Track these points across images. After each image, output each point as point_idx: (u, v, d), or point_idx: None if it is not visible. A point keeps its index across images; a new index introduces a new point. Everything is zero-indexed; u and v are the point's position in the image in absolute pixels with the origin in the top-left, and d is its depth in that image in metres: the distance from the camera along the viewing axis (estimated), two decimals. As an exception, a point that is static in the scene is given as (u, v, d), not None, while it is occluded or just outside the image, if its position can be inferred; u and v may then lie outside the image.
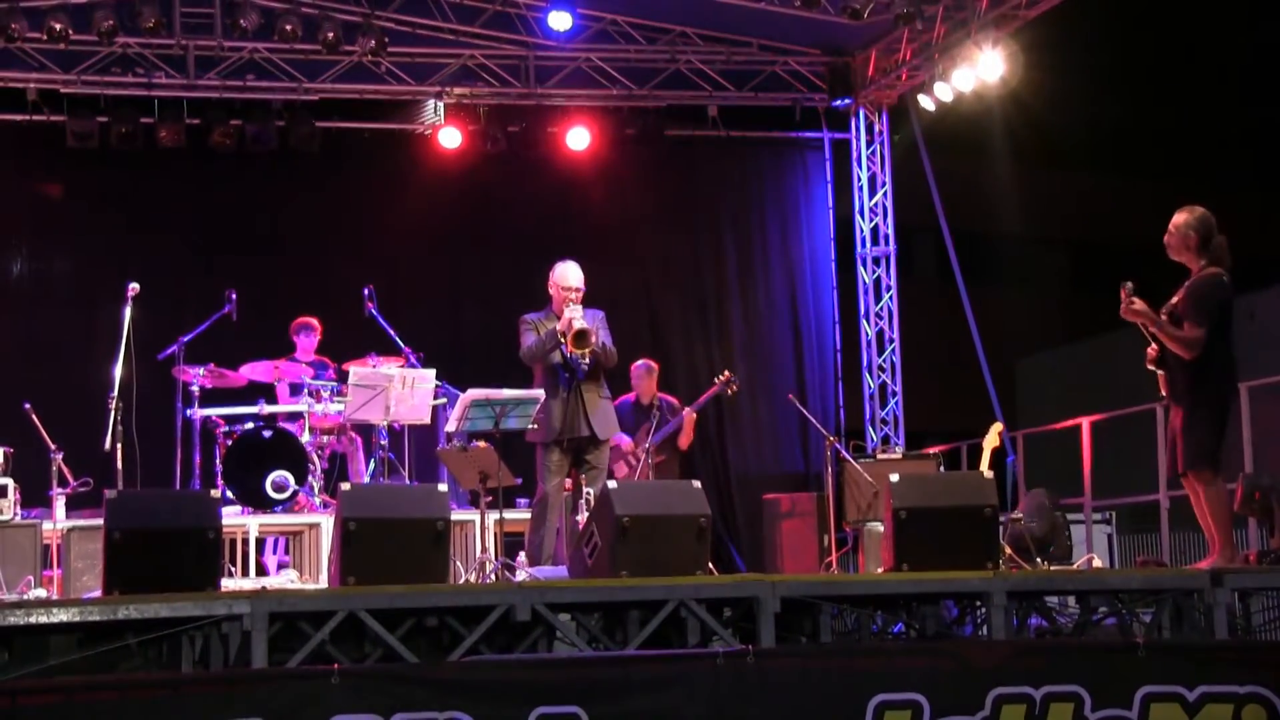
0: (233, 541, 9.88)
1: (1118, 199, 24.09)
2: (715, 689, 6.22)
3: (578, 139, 14.14)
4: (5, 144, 13.32)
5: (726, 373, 11.93)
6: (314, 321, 11.52)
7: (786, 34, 14.20)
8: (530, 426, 8.83)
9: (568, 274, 9.07)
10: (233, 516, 9.95)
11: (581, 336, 8.77)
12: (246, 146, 13.41)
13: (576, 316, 8.80)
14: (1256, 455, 10.89)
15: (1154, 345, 7.96)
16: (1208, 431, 7.77)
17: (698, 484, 7.75)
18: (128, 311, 9.77)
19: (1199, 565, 7.99)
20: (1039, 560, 9.10)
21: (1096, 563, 9.87)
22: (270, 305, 12.07)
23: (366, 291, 10.93)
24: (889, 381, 14.60)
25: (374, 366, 10.32)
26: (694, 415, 11.80)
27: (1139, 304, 7.84)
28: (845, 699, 6.35)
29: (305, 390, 10.73)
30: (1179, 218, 7.96)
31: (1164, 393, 8.06)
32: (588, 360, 8.91)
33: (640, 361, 12.00)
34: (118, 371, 9.60)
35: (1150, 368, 8.04)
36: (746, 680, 6.26)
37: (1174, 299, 7.93)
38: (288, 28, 12.79)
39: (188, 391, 10.51)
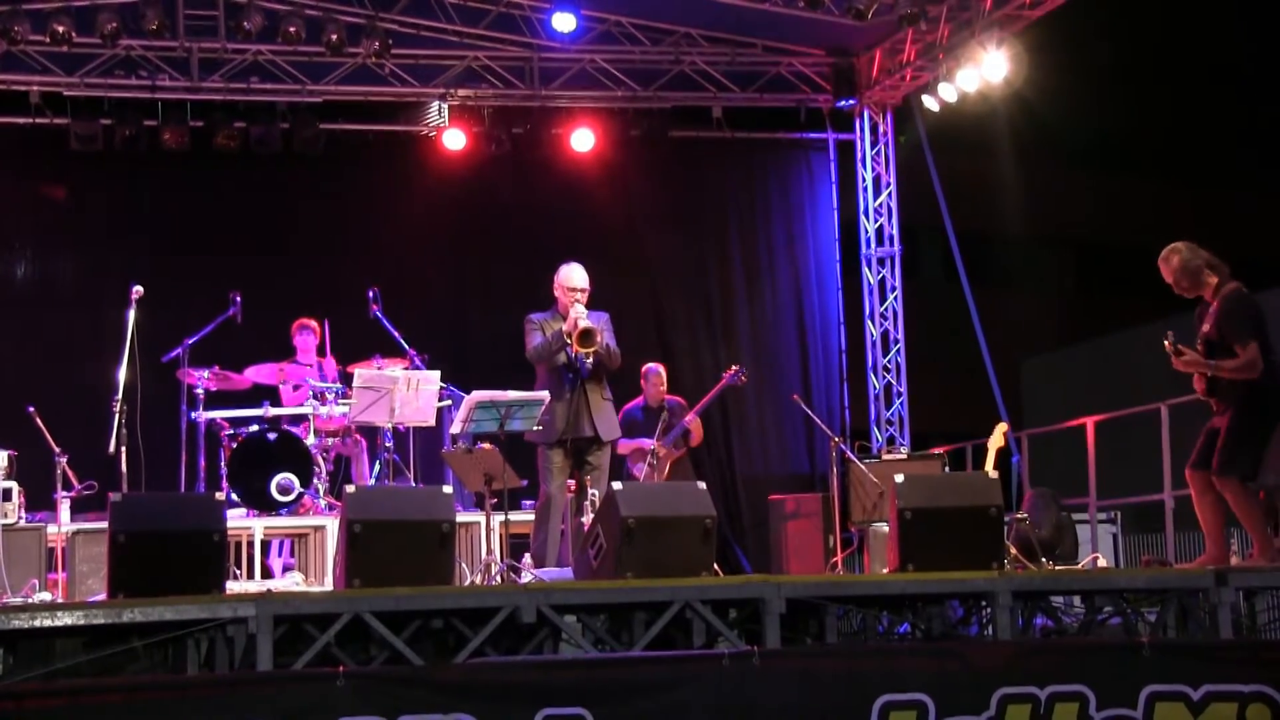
0: (238, 544, 9.87)
1: (1123, 199, 24.08)
2: (720, 690, 6.23)
3: (582, 140, 14.13)
4: (9, 147, 13.32)
5: (733, 365, 12.00)
6: (312, 323, 11.50)
7: (791, 35, 14.19)
8: (535, 428, 8.84)
9: (573, 275, 9.12)
10: (238, 519, 9.94)
11: (587, 335, 8.81)
12: (250, 149, 13.39)
13: (581, 316, 8.83)
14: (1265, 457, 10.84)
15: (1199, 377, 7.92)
16: (1248, 439, 7.75)
17: (703, 485, 7.75)
18: (132, 314, 9.76)
19: (1198, 562, 7.98)
20: (1044, 560, 9.10)
21: (1101, 562, 9.87)
22: (275, 308, 12.03)
23: (371, 293, 10.92)
24: (894, 382, 14.59)
25: (379, 368, 10.32)
26: (698, 420, 11.86)
27: (1188, 354, 7.80)
28: (851, 700, 6.37)
29: (310, 392, 10.73)
30: (1173, 260, 7.92)
31: (1216, 420, 7.99)
32: (592, 360, 8.93)
33: (650, 365, 12.05)
34: (122, 374, 9.59)
35: (1202, 397, 7.99)
36: (752, 681, 6.27)
37: (1205, 327, 7.88)
38: (291, 30, 12.77)
39: (192, 394, 10.50)
